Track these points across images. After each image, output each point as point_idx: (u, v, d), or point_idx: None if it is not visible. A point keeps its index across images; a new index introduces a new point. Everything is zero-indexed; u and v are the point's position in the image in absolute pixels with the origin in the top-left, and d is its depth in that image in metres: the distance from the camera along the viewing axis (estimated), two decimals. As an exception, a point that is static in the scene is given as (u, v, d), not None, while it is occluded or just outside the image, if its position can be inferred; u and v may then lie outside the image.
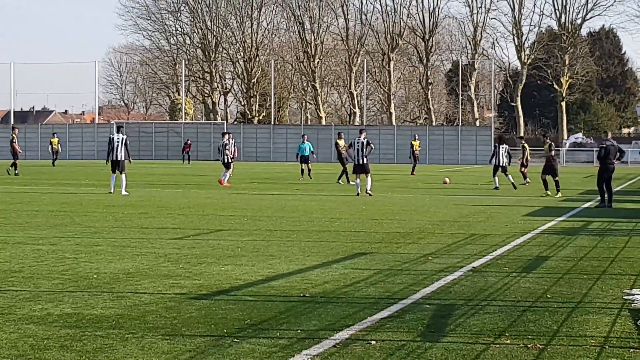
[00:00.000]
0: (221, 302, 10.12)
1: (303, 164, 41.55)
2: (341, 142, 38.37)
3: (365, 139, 29.22)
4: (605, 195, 25.48)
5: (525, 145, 37.31)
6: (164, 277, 11.83)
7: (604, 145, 25.63)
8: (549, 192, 30.38)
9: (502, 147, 34.99)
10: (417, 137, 53.20)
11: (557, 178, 30.59)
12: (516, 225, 19.48)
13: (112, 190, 28.79)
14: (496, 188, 33.78)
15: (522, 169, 36.79)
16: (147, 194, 29.30)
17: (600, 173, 25.80)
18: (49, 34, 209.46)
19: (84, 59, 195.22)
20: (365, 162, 28.83)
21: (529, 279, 11.98)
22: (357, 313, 9.59)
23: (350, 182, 33.98)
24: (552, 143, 31.68)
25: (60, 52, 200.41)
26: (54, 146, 58.45)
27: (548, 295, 10.78)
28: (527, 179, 36.30)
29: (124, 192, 28.35)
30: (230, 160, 35.38)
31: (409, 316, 9.47)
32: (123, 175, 28.88)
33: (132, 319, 9.15)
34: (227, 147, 35.39)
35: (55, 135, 61.18)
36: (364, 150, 28.84)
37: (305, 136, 43.08)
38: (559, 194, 30.09)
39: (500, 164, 34.67)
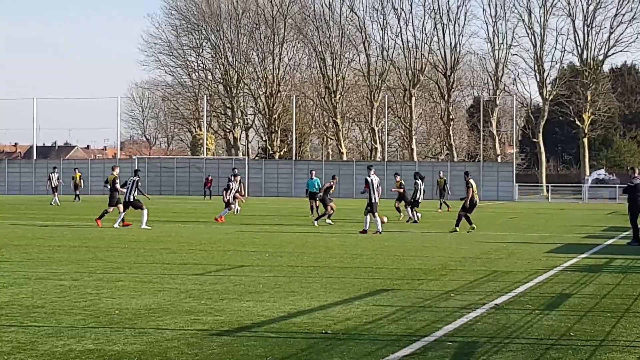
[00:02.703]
0: (243, 339, 10.11)
1: (311, 201, 39.52)
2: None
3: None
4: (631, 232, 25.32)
5: (471, 181, 31.70)
6: (186, 313, 11.83)
7: (633, 184, 25.45)
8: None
9: (422, 183, 36.83)
10: (442, 174, 53.62)
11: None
12: (538, 262, 19.37)
13: (116, 225, 29.91)
14: (415, 222, 35.23)
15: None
16: (169, 230, 29.37)
17: (631, 210, 25.57)
18: (71, 69, 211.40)
19: (107, 94, 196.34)
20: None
21: (552, 317, 11.90)
22: (379, 350, 9.55)
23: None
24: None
25: (82, 87, 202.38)
26: (77, 181, 58.11)
27: (571, 333, 10.70)
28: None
29: (144, 226, 29.24)
30: (229, 200, 37.21)
31: (431, 354, 9.43)
32: (145, 211, 29.80)
33: (154, 355, 9.15)
34: (230, 188, 37.35)
35: (77, 170, 61.07)
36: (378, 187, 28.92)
37: (314, 172, 40.96)
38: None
39: (418, 199, 36.36)
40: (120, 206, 30.40)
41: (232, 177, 38.07)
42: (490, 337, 10.38)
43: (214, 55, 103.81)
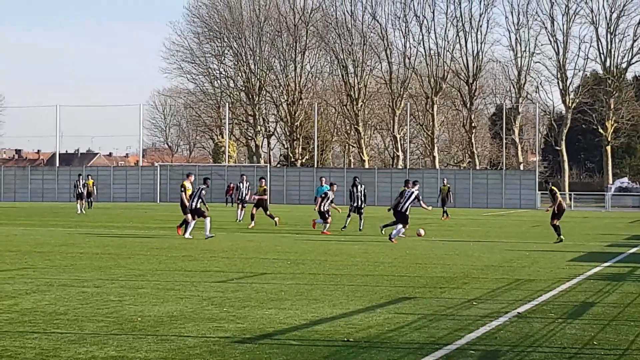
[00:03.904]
0: (265, 346, 10.11)
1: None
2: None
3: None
4: None
5: (554, 188, 30.28)
6: (208, 321, 11.84)
7: None
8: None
9: (360, 188, 35.59)
10: (445, 181, 53.32)
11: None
12: (561, 271, 19.28)
13: (189, 236, 28.82)
14: (344, 227, 34.57)
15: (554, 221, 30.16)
16: (191, 237, 29.41)
17: None
18: (94, 77, 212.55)
19: (129, 101, 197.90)
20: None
21: (575, 325, 11.84)
22: (401, 358, 9.53)
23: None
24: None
25: (105, 95, 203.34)
26: (89, 189, 56.21)
27: (594, 342, 10.65)
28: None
29: (207, 234, 28.64)
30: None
31: (453, 362, 9.40)
32: (207, 219, 29.05)
33: (176, 363, 9.16)
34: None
35: (90, 177, 59.63)
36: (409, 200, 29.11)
37: (324, 179, 39.44)
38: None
39: (359, 205, 35.32)
40: (189, 216, 29.40)
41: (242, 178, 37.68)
42: (513, 346, 10.34)
43: (235, 63, 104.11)
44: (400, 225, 28.76)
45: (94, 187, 57.65)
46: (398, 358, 9.55)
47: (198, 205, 29.46)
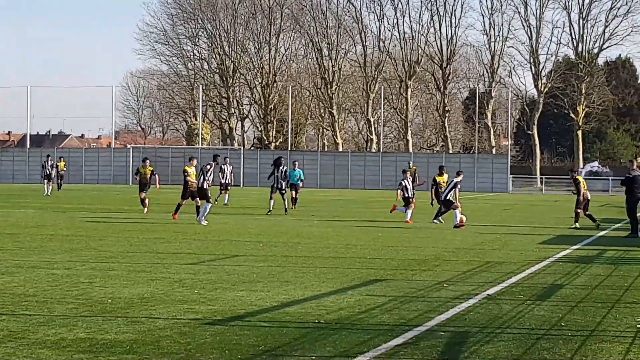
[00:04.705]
0: (236, 328, 10.13)
1: (293, 192, 37.50)
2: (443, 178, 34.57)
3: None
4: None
5: (578, 178, 30.99)
6: (179, 303, 11.84)
7: (632, 175, 25.52)
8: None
9: (281, 170, 34.31)
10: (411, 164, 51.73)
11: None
12: (531, 253, 19.42)
13: (204, 222, 27.26)
14: (269, 212, 33.37)
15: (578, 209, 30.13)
16: (163, 219, 29.37)
17: (629, 202, 25.63)
18: (66, 57, 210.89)
19: (102, 83, 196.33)
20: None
21: (544, 307, 11.94)
22: (371, 340, 9.58)
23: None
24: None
25: (77, 76, 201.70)
26: (60, 170, 55.20)
27: (562, 324, 10.74)
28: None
29: (202, 219, 27.32)
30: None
31: (423, 343, 9.46)
32: (207, 205, 27.92)
33: (146, 344, 9.16)
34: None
35: (62, 159, 58.99)
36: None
37: (297, 163, 39.12)
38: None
39: (280, 187, 34.11)
40: (197, 200, 28.26)
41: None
42: (482, 327, 10.42)
43: (210, 45, 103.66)
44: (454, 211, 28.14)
45: (65, 169, 56.91)
46: (368, 339, 9.60)
47: (205, 186, 28.22)
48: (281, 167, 34.56)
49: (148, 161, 34.25)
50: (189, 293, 12.69)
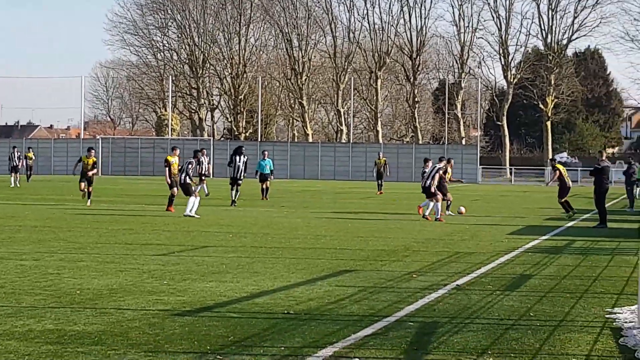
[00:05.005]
0: (205, 319, 10.10)
1: (262, 183, 37.79)
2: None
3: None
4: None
5: (558, 166, 30.37)
6: (148, 294, 11.80)
7: (600, 166, 25.71)
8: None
9: (241, 159, 33.70)
10: (381, 155, 50.99)
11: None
12: (500, 244, 19.52)
13: (193, 213, 26.43)
14: (234, 202, 32.85)
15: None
16: (132, 210, 29.24)
17: (598, 192, 25.82)
18: (35, 48, 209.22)
19: (71, 73, 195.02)
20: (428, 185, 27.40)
21: (513, 297, 12.01)
22: (341, 330, 9.58)
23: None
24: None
25: (46, 66, 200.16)
26: (29, 161, 54.76)
27: (531, 314, 10.80)
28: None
29: (187, 213, 26.31)
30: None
31: (392, 334, 9.48)
32: (195, 199, 26.77)
33: (114, 336, 9.12)
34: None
35: (30, 149, 58.33)
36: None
37: (266, 152, 39.01)
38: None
39: (238, 177, 33.48)
40: (174, 190, 27.99)
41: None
42: (451, 318, 10.46)
43: (179, 35, 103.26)
44: (430, 202, 27.30)
45: (33, 158, 56.42)
46: (338, 330, 9.61)
47: (188, 181, 27.55)
48: (243, 157, 33.66)
49: (93, 151, 33.47)
50: (157, 284, 12.65)
